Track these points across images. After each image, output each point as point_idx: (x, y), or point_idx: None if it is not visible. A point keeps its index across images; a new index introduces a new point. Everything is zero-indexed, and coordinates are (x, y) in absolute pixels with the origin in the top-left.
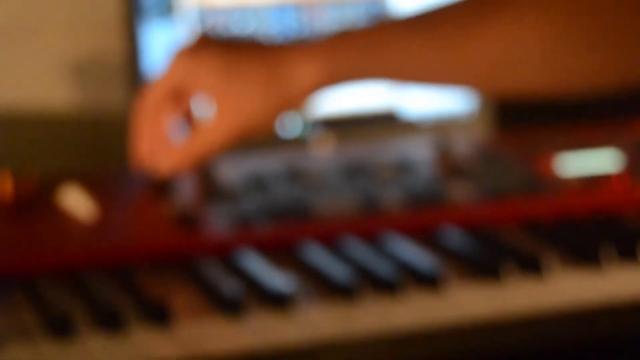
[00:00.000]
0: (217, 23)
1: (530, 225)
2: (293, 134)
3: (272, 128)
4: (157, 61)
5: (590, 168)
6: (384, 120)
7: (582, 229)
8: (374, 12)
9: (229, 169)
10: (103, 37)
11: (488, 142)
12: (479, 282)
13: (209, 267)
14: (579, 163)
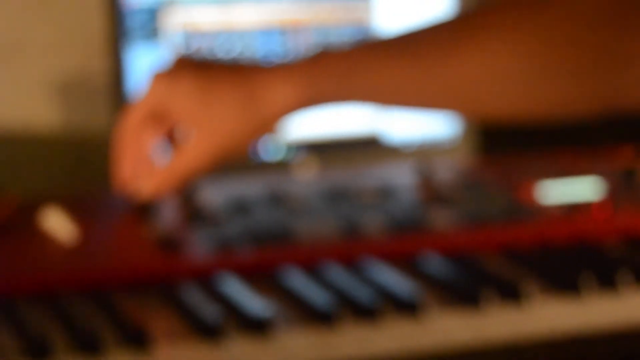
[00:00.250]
0: (201, 46)
1: (511, 252)
2: (275, 158)
3: (248, 149)
4: (141, 83)
5: (571, 196)
6: (367, 145)
7: (563, 256)
8: (358, 35)
9: (211, 192)
10: (88, 57)
11: (470, 169)
12: (459, 309)
13: (189, 291)
14: (560, 190)
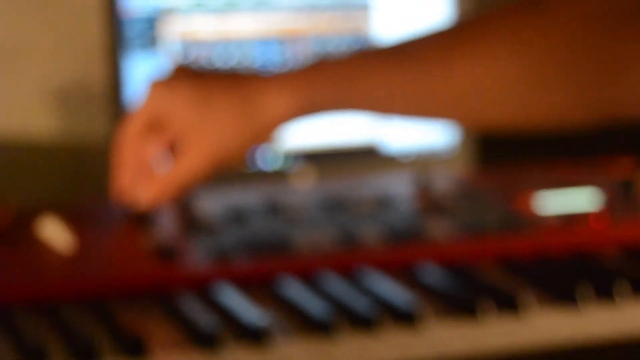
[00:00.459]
0: (199, 55)
1: (508, 262)
2: (273, 167)
3: (245, 158)
4: (139, 91)
5: (568, 206)
6: (365, 154)
7: (560, 267)
8: (357, 44)
9: (208, 201)
10: (86, 65)
11: (467, 179)
12: (457, 319)
13: (186, 301)
14: (558, 201)
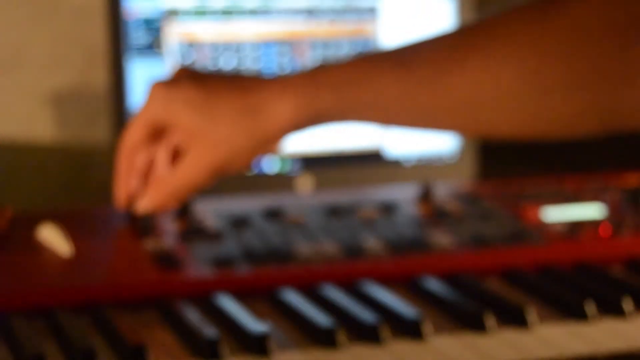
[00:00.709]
0: (202, 58)
1: (514, 274)
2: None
3: (248, 164)
4: (142, 96)
5: (575, 218)
6: (368, 159)
7: (566, 279)
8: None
9: (209, 208)
10: (89, 70)
11: (472, 189)
12: (461, 331)
13: (187, 309)
14: (564, 212)
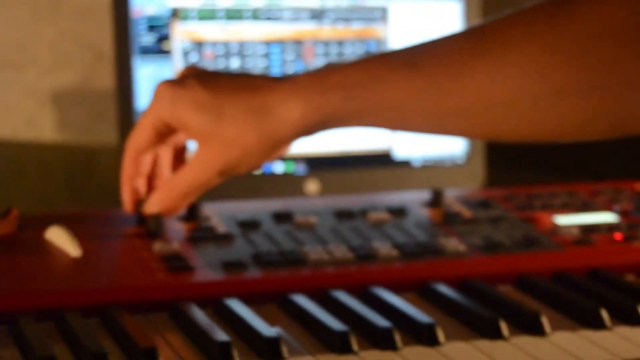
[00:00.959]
0: (207, 58)
1: (527, 281)
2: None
3: (258, 165)
4: (148, 97)
5: (588, 225)
6: (377, 160)
7: (581, 286)
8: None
9: (218, 211)
10: (95, 71)
11: (483, 195)
12: (475, 338)
13: (197, 312)
14: (577, 219)
